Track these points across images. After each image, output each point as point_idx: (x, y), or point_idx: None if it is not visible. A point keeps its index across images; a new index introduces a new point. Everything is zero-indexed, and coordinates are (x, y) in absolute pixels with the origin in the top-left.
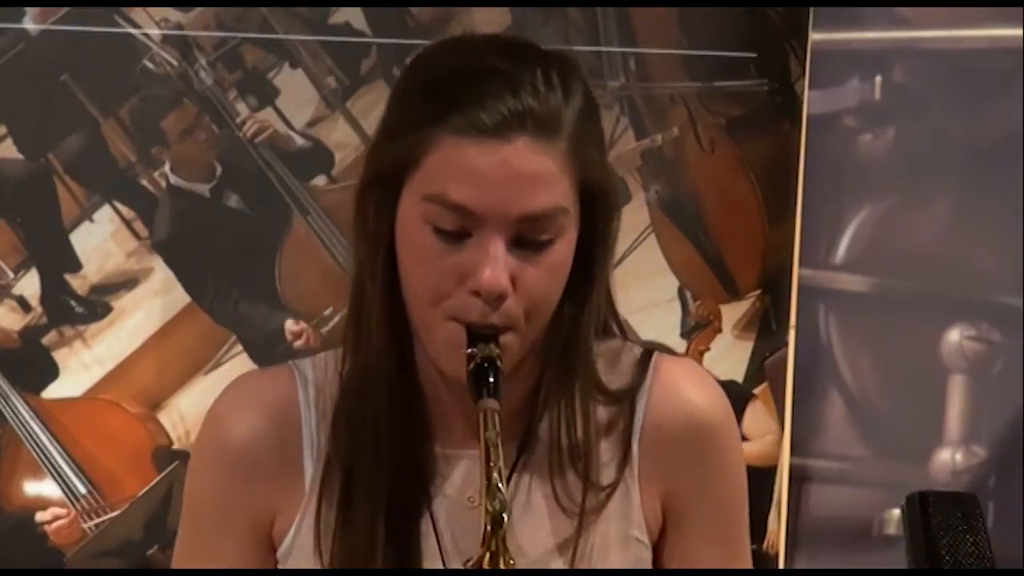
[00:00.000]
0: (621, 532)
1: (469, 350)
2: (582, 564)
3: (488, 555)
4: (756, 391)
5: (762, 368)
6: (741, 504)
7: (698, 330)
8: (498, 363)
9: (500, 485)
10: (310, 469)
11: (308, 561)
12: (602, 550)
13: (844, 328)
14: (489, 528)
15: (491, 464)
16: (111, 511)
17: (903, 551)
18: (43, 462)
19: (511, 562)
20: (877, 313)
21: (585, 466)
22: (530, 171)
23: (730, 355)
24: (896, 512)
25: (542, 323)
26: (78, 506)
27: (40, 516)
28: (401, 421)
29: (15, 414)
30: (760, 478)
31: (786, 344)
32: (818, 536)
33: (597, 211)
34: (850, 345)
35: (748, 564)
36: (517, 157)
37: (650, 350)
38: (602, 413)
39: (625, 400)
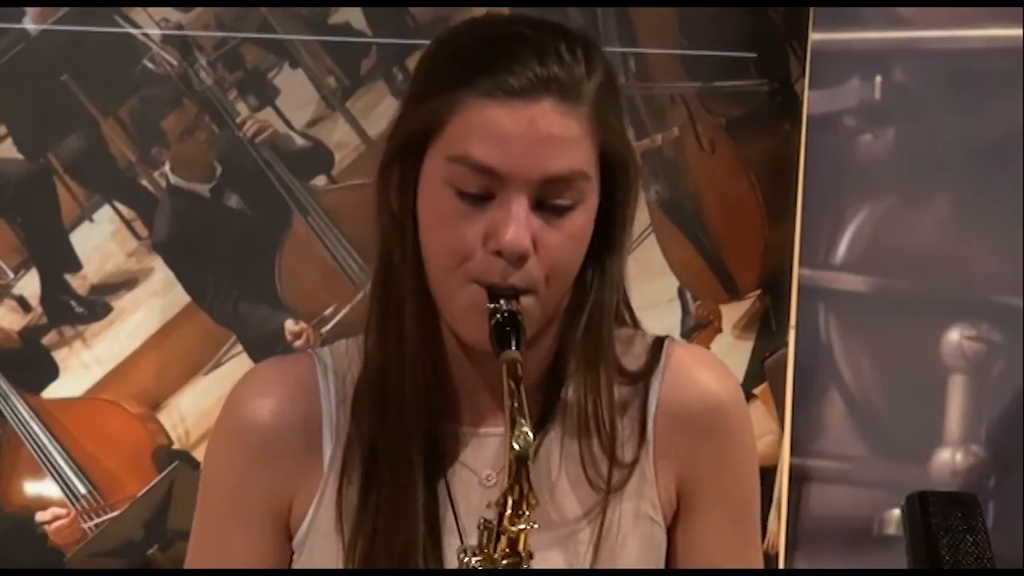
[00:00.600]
0: (636, 510)
1: (490, 306)
2: (604, 539)
3: (511, 498)
4: (756, 391)
5: (762, 368)
6: (753, 486)
7: (698, 330)
8: (519, 318)
9: (525, 427)
10: (328, 451)
11: (329, 540)
12: (619, 526)
13: (844, 328)
14: (514, 468)
15: (515, 406)
16: (111, 511)
17: (903, 551)
18: (43, 462)
19: (534, 502)
20: (877, 313)
21: (612, 440)
22: (554, 133)
23: (730, 355)
24: (896, 512)
25: (561, 290)
26: (78, 506)
27: (40, 516)
28: (424, 398)
29: (15, 414)
30: (760, 478)
31: (786, 344)
32: (818, 536)
33: (617, 182)
34: (850, 345)
35: (758, 547)
36: (543, 118)
37: (662, 337)
38: (618, 392)
39: (640, 381)
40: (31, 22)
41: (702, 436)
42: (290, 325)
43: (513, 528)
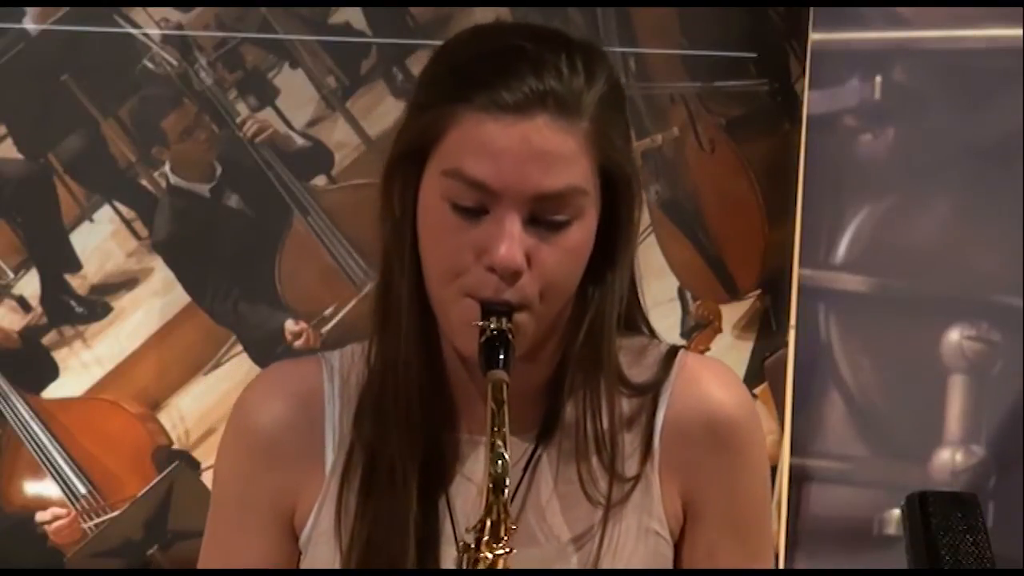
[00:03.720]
0: (641, 525)
1: (480, 323)
2: (605, 555)
3: (489, 521)
4: (756, 391)
5: (762, 368)
6: (763, 503)
7: (698, 330)
8: (509, 337)
9: (503, 451)
10: (331, 456)
11: (328, 545)
12: (622, 542)
13: (844, 328)
14: (491, 493)
15: (495, 430)
16: (111, 511)
17: (903, 551)
18: (43, 462)
19: (512, 528)
20: (877, 313)
21: (612, 456)
22: (548, 149)
23: (730, 355)
24: (896, 512)
25: (557, 306)
26: (78, 506)
27: (40, 516)
28: (424, 406)
29: (15, 414)
30: None
31: (786, 344)
32: (818, 536)
33: (619, 197)
34: (850, 345)
35: (769, 563)
36: (536, 134)
37: (676, 347)
38: (625, 405)
39: (648, 393)
40: (31, 22)
41: (711, 451)
42: (290, 325)
43: (489, 554)
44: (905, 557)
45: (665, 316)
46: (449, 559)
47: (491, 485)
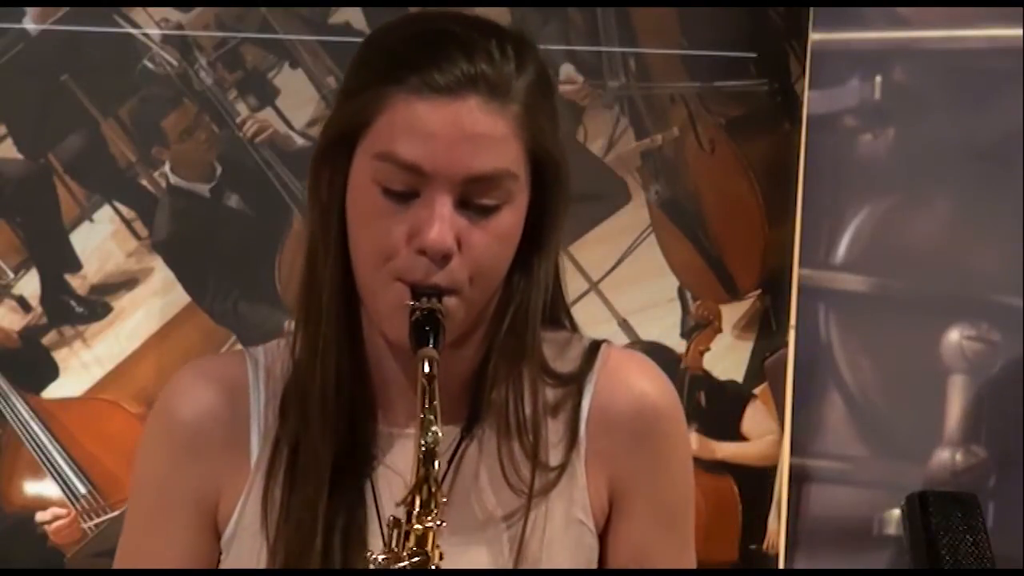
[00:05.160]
0: (565, 513)
1: (411, 303)
2: (530, 541)
3: (419, 496)
4: (756, 391)
5: (762, 368)
6: (687, 491)
7: (698, 330)
8: (439, 316)
9: (434, 426)
10: (256, 449)
11: (254, 539)
12: (548, 529)
13: (844, 328)
14: (422, 460)
15: (427, 405)
16: (111, 511)
17: (903, 551)
18: (43, 462)
19: (443, 500)
20: (877, 313)
21: (534, 444)
22: (479, 131)
23: (730, 355)
24: (896, 512)
25: (487, 290)
26: (78, 506)
27: (40, 516)
28: (348, 397)
29: (15, 414)
30: (760, 478)
31: (786, 344)
32: (818, 536)
33: (547, 182)
34: (850, 345)
35: (692, 552)
36: (468, 115)
37: (599, 341)
38: (550, 395)
39: (572, 383)
40: (31, 22)
41: (636, 440)
42: (290, 325)
43: (419, 526)
44: (905, 557)
45: (665, 316)
46: (376, 549)
47: (422, 456)
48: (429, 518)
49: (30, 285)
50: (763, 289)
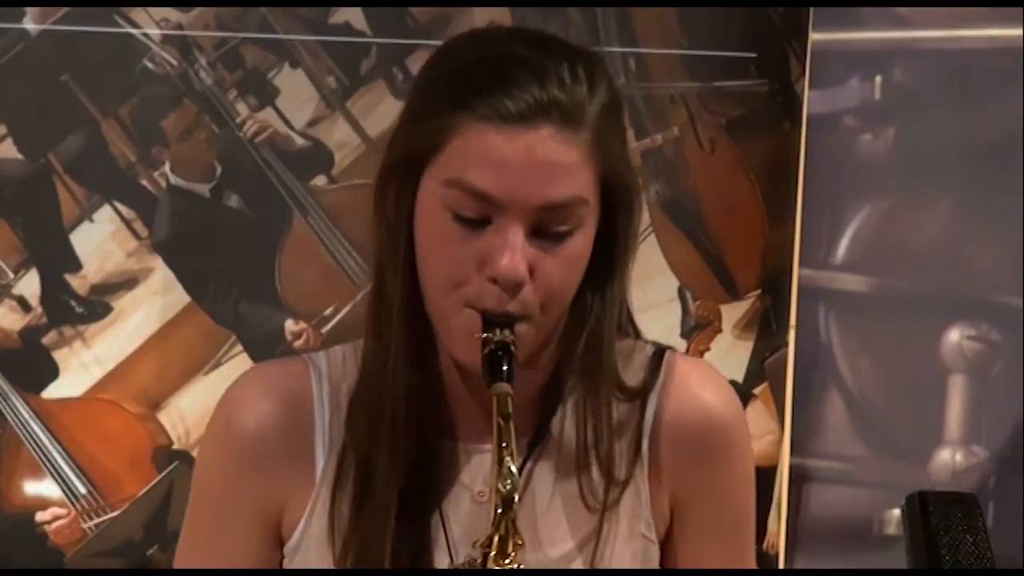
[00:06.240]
0: (630, 528)
1: (484, 335)
2: (600, 558)
3: (497, 537)
4: (756, 391)
5: (762, 368)
6: (749, 506)
7: (698, 330)
8: (512, 348)
9: (512, 467)
10: (321, 461)
11: (320, 551)
12: (615, 545)
13: (844, 328)
14: (499, 510)
15: (503, 446)
16: (111, 511)
17: (903, 551)
18: (43, 462)
19: (520, 543)
20: (877, 313)
21: (608, 462)
22: (552, 160)
23: (730, 355)
24: (896, 512)
25: (557, 314)
26: (78, 506)
27: (40, 516)
28: (418, 413)
29: (15, 414)
30: (760, 478)
31: (786, 344)
32: (818, 536)
33: (619, 205)
34: (850, 345)
35: (753, 564)
36: (541, 145)
37: (663, 349)
38: (617, 410)
39: (638, 397)
40: (31, 22)
41: (699, 455)
42: (290, 325)
43: (496, 567)
44: (905, 557)
45: (665, 316)
46: (441, 566)
47: (500, 502)
48: (507, 562)
49: (30, 285)
50: (763, 289)
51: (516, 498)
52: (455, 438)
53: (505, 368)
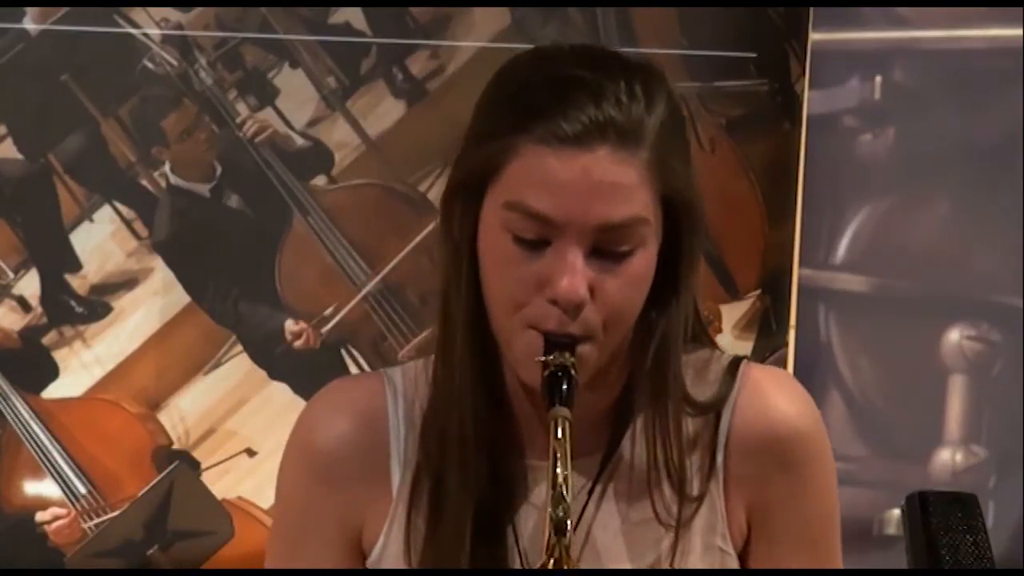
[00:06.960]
0: (706, 542)
1: (543, 358)
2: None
3: (552, 561)
4: None
5: None
6: (829, 517)
7: None
8: (572, 371)
9: (565, 493)
10: (397, 477)
11: (397, 566)
12: (689, 562)
13: (844, 328)
14: (552, 535)
15: (557, 471)
16: (111, 511)
17: (903, 551)
18: (43, 462)
19: (575, 568)
20: (877, 313)
21: (680, 479)
22: (610, 181)
23: None
24: (896, 512)
25: (621, 334)
26: (78, 506)
27: (40, 516)
28: (486, 432)
29: (15, 414)
30: None
31: (786, 344)
32: None
33: (681, 222)
34: (850, 345)
35: (838, 567)
36: (597, 166)
37: (739, 359)
38: (690, 425)
39: (711, 411)
40: (31, 22)
41: (776, 466)
42: (290, 325)
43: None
44: (905, 557)
45: None
46: None
47: (552, 528)
48: None
49: (30, 285)
50: (763, 289)
51: (569, 524)
52: (523, 456)
53: (564, 390)
